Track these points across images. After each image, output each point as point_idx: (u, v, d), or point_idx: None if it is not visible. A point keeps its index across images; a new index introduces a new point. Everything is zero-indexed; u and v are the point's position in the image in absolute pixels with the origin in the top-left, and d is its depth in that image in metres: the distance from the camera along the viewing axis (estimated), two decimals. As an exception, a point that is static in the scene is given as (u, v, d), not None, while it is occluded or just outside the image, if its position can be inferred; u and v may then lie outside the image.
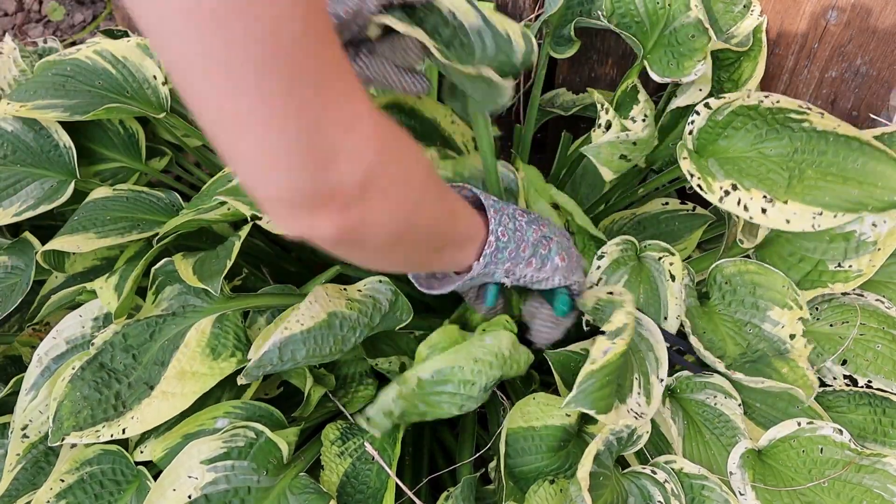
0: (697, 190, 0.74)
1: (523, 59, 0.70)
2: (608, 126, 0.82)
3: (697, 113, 0.78)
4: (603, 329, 0.70)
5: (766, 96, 0.76)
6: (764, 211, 0.72)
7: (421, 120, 0.89)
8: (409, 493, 0.73)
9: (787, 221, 0.72)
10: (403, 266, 0.67)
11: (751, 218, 0.72)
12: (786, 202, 0.72)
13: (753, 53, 0.89)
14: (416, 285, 0.75)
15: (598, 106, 0.83)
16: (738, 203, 0.73)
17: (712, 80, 0.86)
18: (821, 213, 0.72)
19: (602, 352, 0.67)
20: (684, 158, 0.75)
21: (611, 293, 0.75)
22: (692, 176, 0.74)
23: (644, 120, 0.82)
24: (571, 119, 1.16)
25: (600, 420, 0.68)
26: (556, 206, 0.87)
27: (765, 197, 0.73)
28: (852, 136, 0.73)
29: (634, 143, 0.81)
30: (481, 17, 0.68)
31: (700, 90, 0.86)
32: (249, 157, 0.43)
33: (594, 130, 0.84)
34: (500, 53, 0.69)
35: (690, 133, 0.77)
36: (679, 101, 0.86)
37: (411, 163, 0.53)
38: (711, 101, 0.77)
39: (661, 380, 0.75)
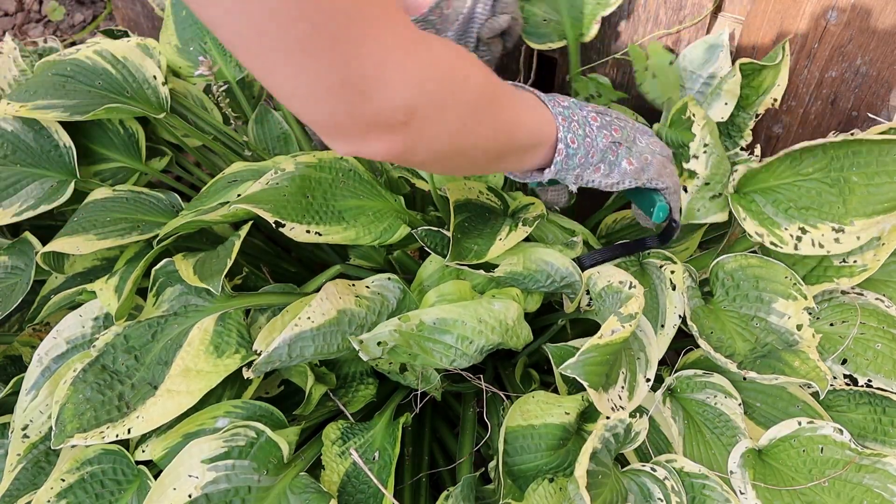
0: (771, 247, 0.76)
1: None
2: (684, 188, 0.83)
3: (736, 170, 0.80)
4: (620, 310, 0.72)
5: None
6: (837, 240, 0.75)
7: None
8: (390, 496, 0.73)
9: (858, 238, 0.75)
10: (465, 172, 0.69)
11: (829, 252, 0.75)
12: (851, 223, 0.75)
13: (777, 65, 0.89)
14: None
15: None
16: (813, 244, 0.75)
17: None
18: (883, 217, 0.75)
19: (611, 330, 0.69)
20: (744, 219, 0.77)
21: (622, 282, 0.76)
22: (761, 236, 0.76)
23: (706, 151, 0.80)
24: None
25: (589, 392, 0.69)
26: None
27: (833, 228, 0.75)
28: (884, 139, 0.76)
29: (707, 184, 0.81)
30: None
31: (726, 104, 0.86)
32: (289, 93, 0.47)
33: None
34: None
35: (732, 180, 0.80)
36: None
37: (458, 87, 0.54)
38: (753, 163, 0.80)
39: (648, 380, 0.76)
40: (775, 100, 0.88)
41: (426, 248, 0.82)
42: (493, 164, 0.67)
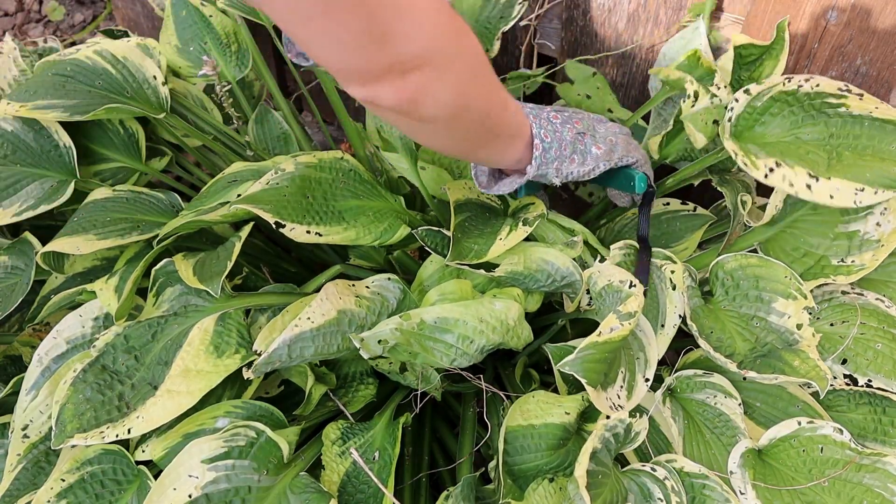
0: (742, 167, 0.76)
1: None
2: (696, 96, 0.85)
3: (736, 100, 0.80)
4: (619, 308, 0.72)
5: (805, 80, 0.79)
6: (809, 186, 0.74)
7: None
8: (390, 496, 0.73)
9: (831, 196, 0.74)
10: (458, 149, 0.72)
11: (796, 193, 0.74)
12: (829, 178, 0.74)
13: (775, 51, 0.89)
14: (477, 185, 0.82)
15: (687, 82, 0.86)
16: (784, 179, 0.74)
17: (732, 78, 0.86)
18: (862, 190, 0.73)
19: (610, 328, 0.69)
20: (727, 139, 0.77)
21: (623, 281, 0.76)
22: (736, 155, 0.76)
23: (725, 87, 0.85)
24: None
25: (588, 390, 0.69)
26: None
27: (809, 174, 0.74)
28: (887, 119, 0.76)
29: (725, 107, 0.84)
30: None
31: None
32: (318, 41, 0.52)
33: (683, 102, 0.87)
34: None
35: (729, 120, 0.79)
36: None
37: (466, 48, 0.60)
38: (752, 87, 0.79)
39: (647, 379, 0.76)
40: (789, 76, 0.89)
41: (427, 248, 0.82)
42: (484, 144, 0.70)
